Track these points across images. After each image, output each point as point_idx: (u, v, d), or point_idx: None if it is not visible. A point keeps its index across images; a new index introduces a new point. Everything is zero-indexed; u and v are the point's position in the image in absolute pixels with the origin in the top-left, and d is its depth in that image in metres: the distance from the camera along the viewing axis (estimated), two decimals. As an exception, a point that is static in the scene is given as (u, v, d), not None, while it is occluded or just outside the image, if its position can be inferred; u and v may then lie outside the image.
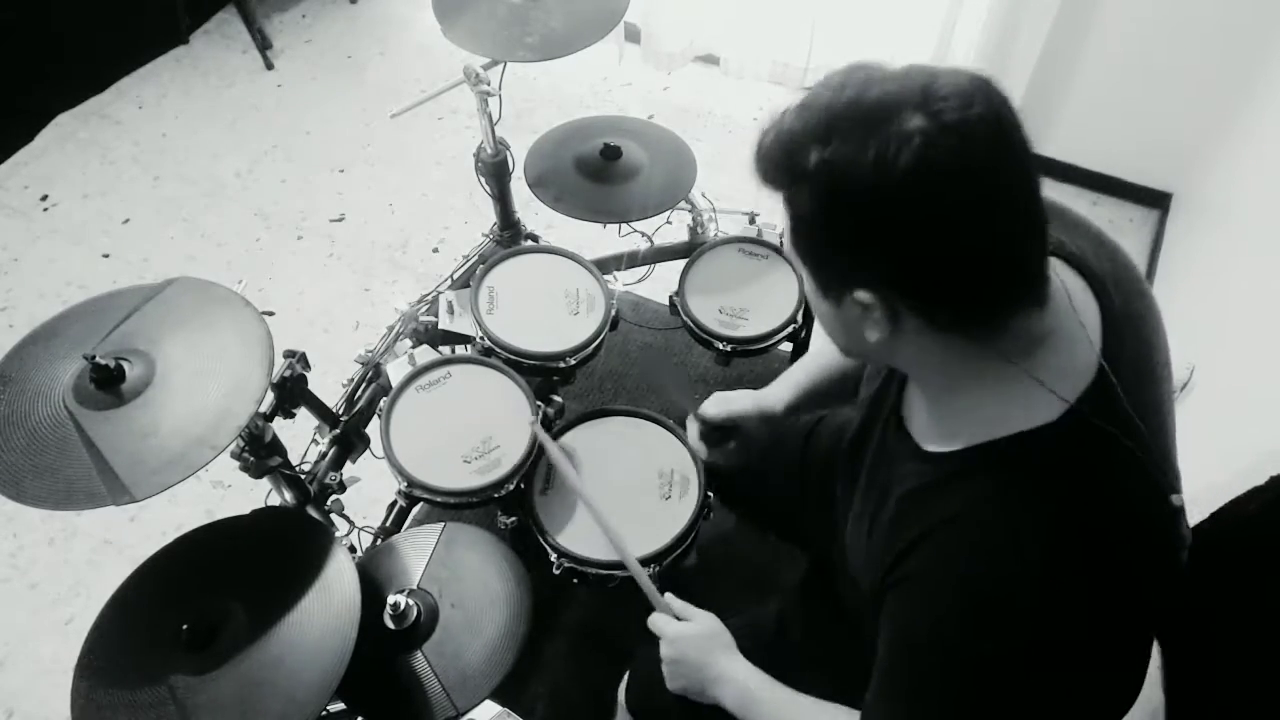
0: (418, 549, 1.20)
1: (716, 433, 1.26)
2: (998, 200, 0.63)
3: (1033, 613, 0.68)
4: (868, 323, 0.70)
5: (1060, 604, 0.68)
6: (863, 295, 0.68)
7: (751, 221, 1.70)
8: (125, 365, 1.02)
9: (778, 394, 1.21)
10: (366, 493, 1.40)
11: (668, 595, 1.07)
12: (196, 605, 1.03)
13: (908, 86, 0.62)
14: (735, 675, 0.97)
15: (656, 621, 1.04)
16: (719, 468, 1.33)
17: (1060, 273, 0.75)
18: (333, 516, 1.33)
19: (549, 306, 1.51)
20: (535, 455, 1.32)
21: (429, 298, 1.58)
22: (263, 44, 3.00)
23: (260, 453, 1.22)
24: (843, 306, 0.71)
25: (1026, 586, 0.68)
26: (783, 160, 0.66)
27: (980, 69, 0.65)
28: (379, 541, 1.33)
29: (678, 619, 1.04)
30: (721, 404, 1.24)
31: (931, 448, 0.78)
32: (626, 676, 1.26)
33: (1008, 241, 0.65)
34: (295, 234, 2.54)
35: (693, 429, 1.29)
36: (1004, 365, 0.71)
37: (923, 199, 0.62)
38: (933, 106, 0.61)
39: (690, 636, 1.01)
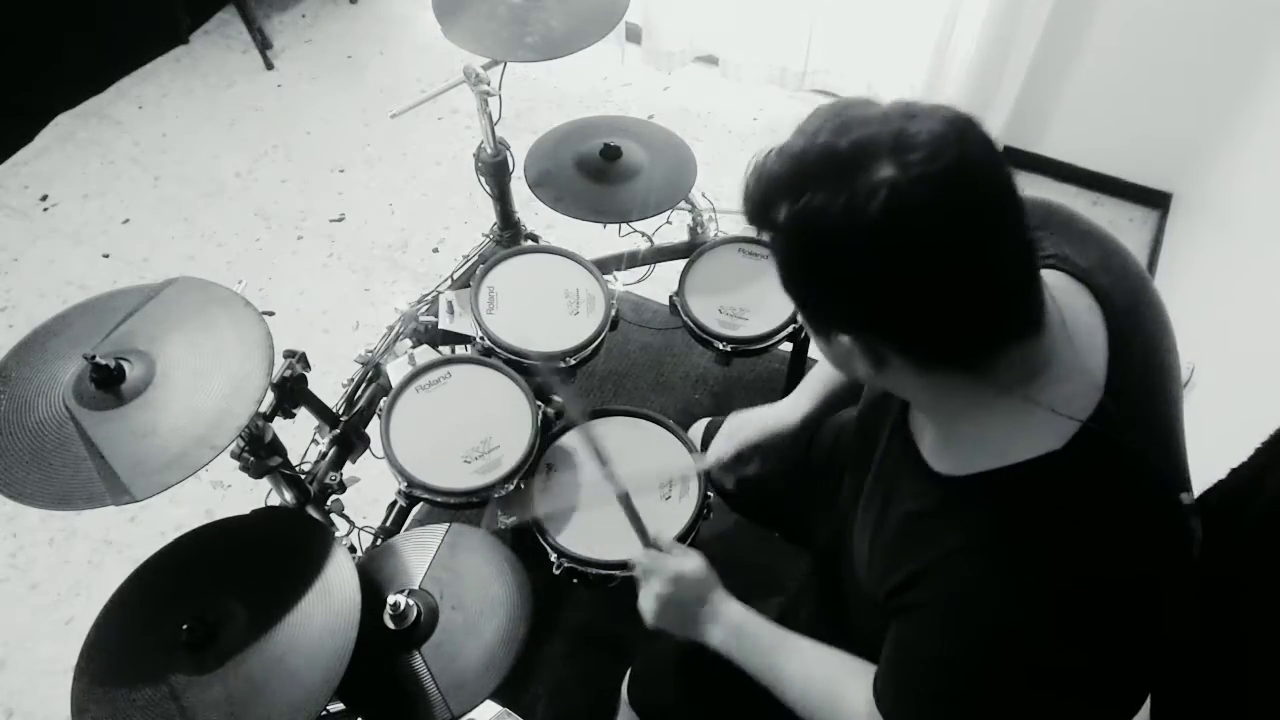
0: (420, 549, 1.20)
1: (730, 463, 1.24)
2: (972, 244, 0.62)
3: (1043, 643, 0.68)
4: (854, 360, 0.72)
5: (1071, 633, 0.68)
6: (842, 338, 0.70)
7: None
8: (125, 365, 1.02)
9: (795, 406, 1.20)
10: (366, 493, 1.40)
11: (658, 531, 1.05)
12: (196, 605, 1.03)
13: (882, 132, 0.62)
14: (729, 612, 0.97)
15: (649, 556, 1.02)
16: (729, 490, 1.33)
17: (1066, 291, 0.75)
18: (333, 516, 1.33)
19: (549, 306, 1.51)
20: (535, 459, 1.32)
21: (429, 298, 1.58)
22: (263, 44, 3.00)
23: (260, 453, 1.22)
24: (831, 344, 0.73)
25: (1036, 618, 0.68)
26: (760, 208, 0.68)
27: (958, 108, 0.64)
28: (379, 541, 1.33)
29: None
30: (729, 440, 1.22)
31: (940, 469, 0.77)
32: (629, 673, 1.25)
33: (987, 281, 0.64)
34: (295, 234, 2.54)
35: (707, 459, 1.26)
36: (1002, 395, 0.70)
37: (892, 249, 0.61)
38: (904, 156, 0.60)
39: (686, 572, 1.00)
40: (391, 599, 1.09)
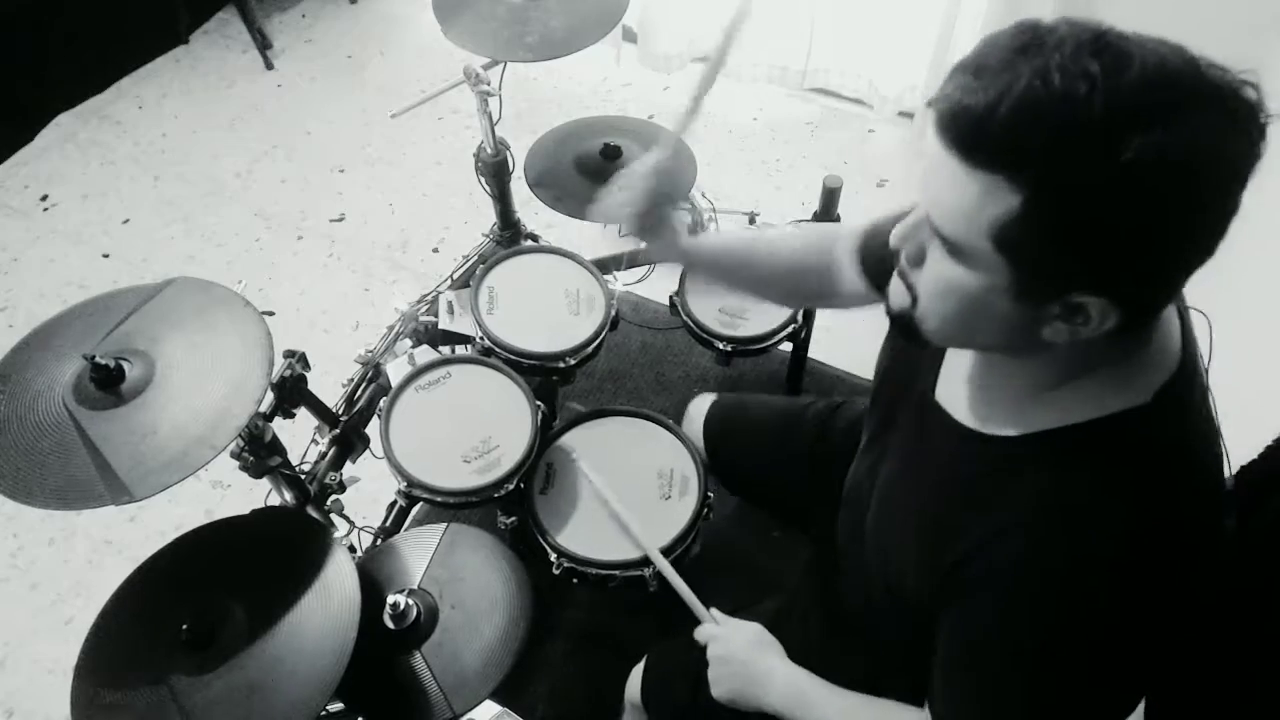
0: (419, 549, 1.20)
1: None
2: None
3: (1116, 615, 0.67)
4: (1056, 324, 0.63)
5: (1150, 590, 0.67)
6: (1086, 298, 0.60)
7: (751, 221, 1.69)
8: (125, 365, 1.02)
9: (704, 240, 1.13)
10: (366, 493, 1.40)
11: (713, 609, 1.09)
12: (196, 605, 1.03)
13: (1205, 73, 0.57)
14: (787, 673, 0.97)
15: (705, 628, 1.06)
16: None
17: None
18: (333, 516, 1.33)
19: (549, 306, 1.51)
20: (535, 459, 1.33)
21: (429, 298, 1.58)
22: (263, 44, 3.00)
23: (260, 453, 1.22)
24: (1041, 308, 0.63)
25: (1110, 588, 0.66)
26: (1075, 138, 0.55)
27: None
28: (379, 541, 1.33)
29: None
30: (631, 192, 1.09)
31: (993, 431, 0.74)
32: (639, 672, 1.24)
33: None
34: (295, 234, 2.54)
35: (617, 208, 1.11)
36: (1120, 354, 0.68)
37: (1216, 197, 0.57)
38: (1232, 103, 0.56)
39: (740, 636, 1.03)
40: (391, 599, 1.09)
